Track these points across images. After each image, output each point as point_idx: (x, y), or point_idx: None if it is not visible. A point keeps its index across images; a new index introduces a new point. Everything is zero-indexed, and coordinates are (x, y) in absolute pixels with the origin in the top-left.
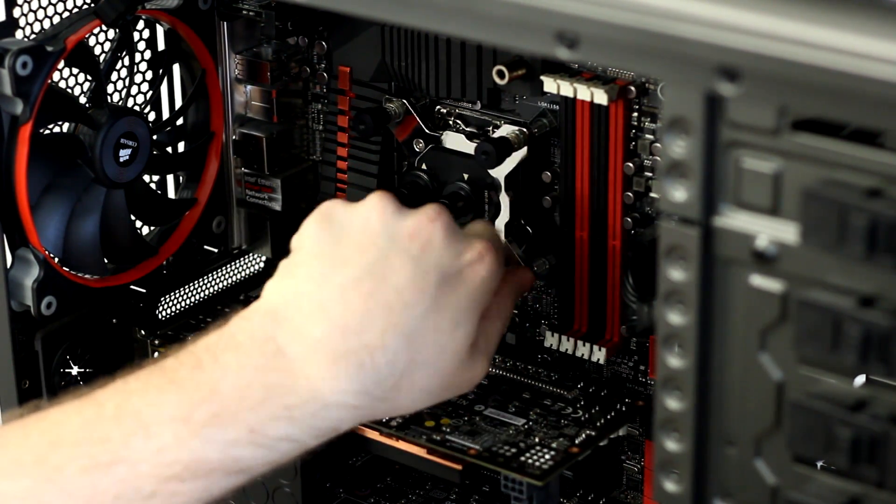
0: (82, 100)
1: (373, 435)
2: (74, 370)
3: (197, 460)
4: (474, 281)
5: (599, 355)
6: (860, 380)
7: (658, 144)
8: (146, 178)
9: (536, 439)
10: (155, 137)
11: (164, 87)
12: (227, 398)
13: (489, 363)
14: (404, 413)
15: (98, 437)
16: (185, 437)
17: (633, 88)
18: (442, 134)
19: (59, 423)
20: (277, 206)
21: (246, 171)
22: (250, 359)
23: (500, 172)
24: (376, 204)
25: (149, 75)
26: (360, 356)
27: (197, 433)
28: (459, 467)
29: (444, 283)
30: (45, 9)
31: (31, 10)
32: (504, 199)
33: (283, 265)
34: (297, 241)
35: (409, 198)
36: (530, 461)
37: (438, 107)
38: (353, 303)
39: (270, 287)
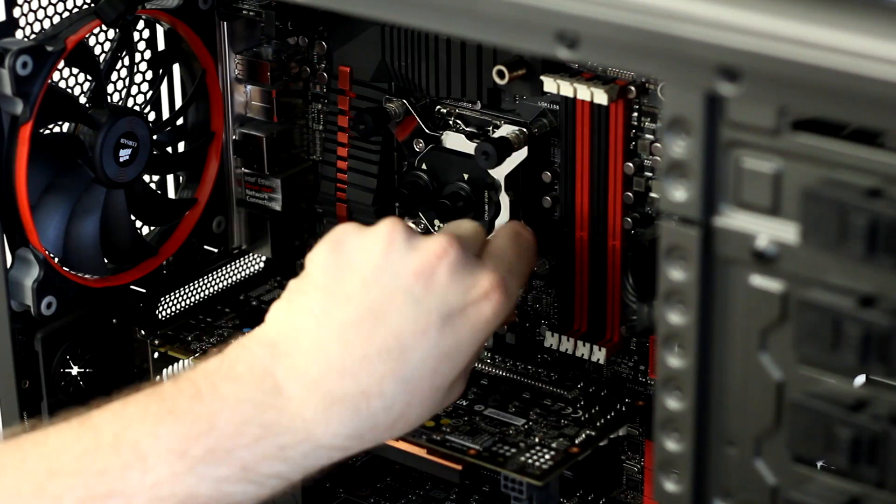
0: (82, 100)
1: None
2: (74, 370)
3: (190, 495)
4: (478, 321)
5: (599, 355)
6: (860, 380)
7: (658, 144)
8: (146, 178)
9: (536, 439)
10: (155, 137)
11: (164, 87)
12: (223, 434)
13: (465, 385)
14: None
15: (96, 468)
16: (180, 472)
17: (633, 88)
18: (442, 134)
19: (57, 450)
20: (277, 206)
21: (246, 171)
22: (248, 393)
23: (500, 172)
24: (385, 235)
25: (149, 75)
26: (357, 401)
27: (192, 469)
28: (459, 467)
29: (445, 323)
30: (45, 9)
31: (31, 10)
32: (504, 199)
33: (290, 288)
34: (307, 264)
35: (408, 198)
36: (530, 461)
37: (438, 107)
38: (351, 344)
39: (273, 314)
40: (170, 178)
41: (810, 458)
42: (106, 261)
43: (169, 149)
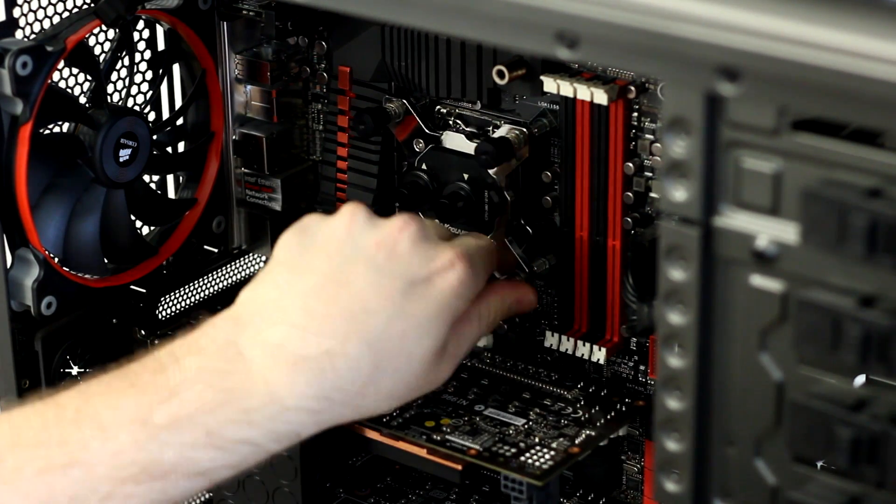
0: (82, 100)
1: (373, 435)
2: (74, 370)
3: (153, 462)
4: (443, 289)
5: (599, 355)
6: (860, 380)
7: (658, 144)
8: (146, 178)
9: (536, 439)
10: (155, 137)
11: (164, 87)
12: (185, 401)
13: (457, 365)
14: (369, 416)
15: (57, 439)
16: (142, 439)
17: (633, 88)
18: (442, 134)
19: (19, 425)
20: (277, 206)
21: (246, 171)
22: (211, 362)
23: (499, 172)
24: (347, 214)
25: (149, 75)
26: (321, 361)
27: (154, 436)
28: (459, 467)
29: (410, 290)
30: (45, 9)
31: (31, 10)
32: (504, 199)
33: (258, 274)
34: (274, 250)
35: (409, 198)
36: (530, 461)
37: (438, 107)
38: (314, 308)
39: (240, 295)
40: (170, 178)
41: (810, 458)
42: (106, 261)
43: (169, 149)
